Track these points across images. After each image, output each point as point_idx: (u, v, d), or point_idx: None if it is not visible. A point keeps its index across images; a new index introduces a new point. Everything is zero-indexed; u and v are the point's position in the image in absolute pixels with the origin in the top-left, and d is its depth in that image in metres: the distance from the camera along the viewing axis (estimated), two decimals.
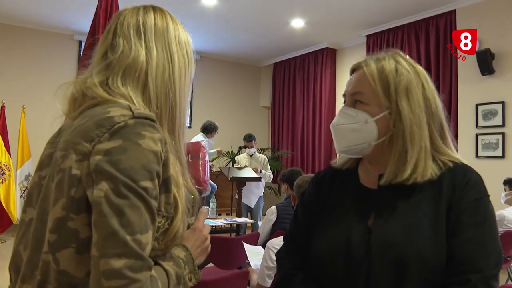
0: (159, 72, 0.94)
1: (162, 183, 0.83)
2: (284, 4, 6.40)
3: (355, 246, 1.02)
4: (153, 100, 0.93)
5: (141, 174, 0.77)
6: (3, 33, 7.27)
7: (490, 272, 0.94)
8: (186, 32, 1.05)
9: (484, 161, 5.69)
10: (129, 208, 0.75)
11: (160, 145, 0.81)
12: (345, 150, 1.11)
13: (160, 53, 0.96)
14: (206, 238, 1.02)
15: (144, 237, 0.76)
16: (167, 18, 1.02)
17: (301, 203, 1.27)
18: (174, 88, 0.97)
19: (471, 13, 5.81)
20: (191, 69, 1.04)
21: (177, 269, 0.87)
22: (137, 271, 0.74)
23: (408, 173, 1.01)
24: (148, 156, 0.79)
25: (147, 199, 0.77)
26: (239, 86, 9.83)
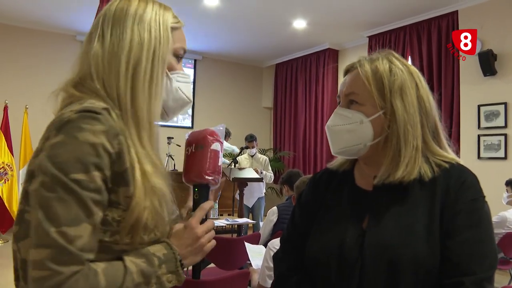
0: (109, 61, 0.90)
1: (118, 176, 0.83)
2: (286, 5, 6.40)
3: (349, 248, 1.02)
4: (110, 91, 0.89)
5: (74, 167, 0.77)
6: (6, 33, 7.30)
7: (484, 274, 0.93)
8: (162, 10, 0.98)
9: (486, 162, 5.68)
10: (56, 201, 0.75)
11: (102, 137, 0.80)
12: (341, 151, 1.10)
13: (112, 40, 0.92)
14: (197, 237, 0.94)
15: (73, 230, 0.75)
16: (131, 2, 0.96)
17: (298, 204, 1.27)
18: (120, 74, 0.90)
19: (473, 14, 5.80)
20: (161, 48, 0.94)
21: (146, 267, 0.84)
22: (60, 263, 0.74)
23: (401, 173, 1.01)
24: (84, 148, 0.78)
25: (77, 192, 0.76)
26: (241, 87, 9.84)
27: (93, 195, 0.78)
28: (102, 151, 0.79)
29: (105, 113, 0.83)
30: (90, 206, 0.78)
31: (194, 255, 0.94)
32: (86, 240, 0.77)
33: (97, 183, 0.79)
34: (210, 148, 1.01)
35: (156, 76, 0.93)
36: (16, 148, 6.51)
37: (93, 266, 0.79)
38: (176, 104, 1.01)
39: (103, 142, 0.80)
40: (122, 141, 0.83)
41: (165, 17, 0.97)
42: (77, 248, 0.76)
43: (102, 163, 0.79)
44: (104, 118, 0.82)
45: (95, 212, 0.78)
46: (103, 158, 0.80)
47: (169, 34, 0.96)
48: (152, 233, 0.88)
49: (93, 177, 0.78)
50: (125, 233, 0.84)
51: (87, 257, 0.78)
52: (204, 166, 1.00)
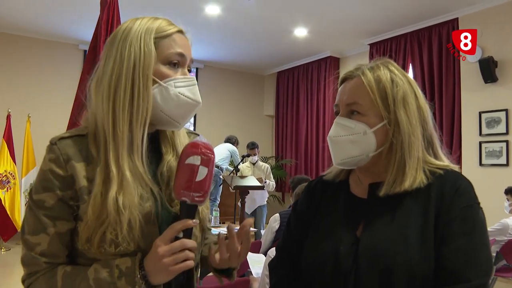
0: (98, 88, 0.99)
1: (77, 194, 0.94)
2: (287, 13, 6.43)
3: (344, 256, 1.02)
4: (96, 117, 0.98)
5: (34, 189, 0.96)
6: (9, 42, 7.35)
7: (478, 281, 0.92)
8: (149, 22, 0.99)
9: (488, 169, 5.67)
10: (26, 216, 0.97)
11: (51, 164, 0.94)
12: (343, 163, 1.08)
13: (104, 66, 0.99)
14: (159, 256, 0.89)
15: (33, 238, 0.94)
16: (126, 23, 1.01)
17: (294, 212, 1.26)
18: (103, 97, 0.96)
19: (473, 21, 5.82)
20: (141, 61, 0.95)
21: (105, 277, 0.90)
22: (23, 263, 0.96)
23: (408, 183, 1.00)
24: (39, 175, 0.96)
25: (34, 210, 0.95)
26: (243, 95, 9.86)
27: (46, 212, 0.94)
28: (50, 176, 0.94)
29: (62, 141, 0.96)
30: (43, 220, 0.94)
31: (158, 274, 0.91)
32: (45, 247, 0.94)
33: (49, 202, 0.94)
34: (185, 162, 0.94)
35: (137, 91, 0.95)
36: (19, 157, 6.53)
37: (58, 268, 0.94)
38: (181, 110, 1.00)
39: (52, 168, 0.94)
40: (74, 165, 0.94)
41: (149, 29, 0.98)
42: (37, 253, 0.94)
43: (51, 185, 0.94)
44: (57, 147, 0.95)
45: (49, 225, 0.94)
46: (53, 181, 0.94)
47: (151, 45, 0.97)
48: (119, 246, 0.91)
49: (44, 197, 0.94)
50: (83, 242, 0.93)
51: (47, 260, 0.94)
52: (176, 182, 0.94)
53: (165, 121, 1.00)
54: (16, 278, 5.47)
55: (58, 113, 6.37)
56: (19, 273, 0.99)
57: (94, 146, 0.96)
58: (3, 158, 6.40)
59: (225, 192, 6.89)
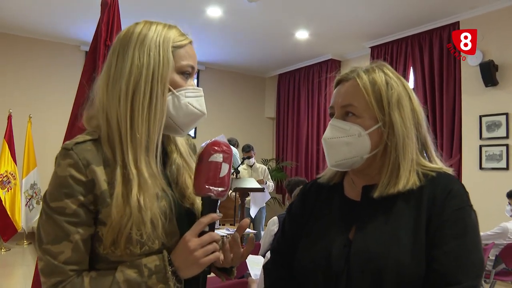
0: (112, 87, 0.99)
1: (98, 199, 0.94)
2: (289, 16, 6.45)
3: (336, 258, 1.02)
4: (111, 118, 0.99)
5: (51, 197, 0.94)
6: (11, 43, 7.37)
7: (469, 283, 0.92)
8: (165, 30, 1.02)
9: (488, 172, 5.67)
10: (42, 224, 0.95)
11: (71, 169, 0.93)
12: (337, 164, 1.09)
13: (118, 67, 1.00)
14: (190, 250, 0.95)
15: (55, 247, 0.92)
16: (137, 26, 1.02)
17: (288, 215, 1.27)
18: (120, 99, 0.97)
19: (474, 24, 5.82)
20: (159, 69, 0.99)
21: (135, 278, 0.92)
22: (47, 274, 0.93)
23: (402, 185, 1.01)
24: (58, 181, 0.94)
25: (55, 217, 0.93)
26: (244, 97, 9.87)
27: (68, 218, 0.93)
28: (71, 181, 0.93)
29: (78, 146, 0.95)
30: (66, 227, 0.93)
31: (188, 268, 0.96)
32: (69, 255, 0.93)
33: (71, 208, 0.93)
34: (209, 160, 1.01)
35: (155, 97, 0.99)
36: (20, 157, 6.55)
37: (83, 275, 0.94)
38: (188, 119, 1.06)
39: (72, 173, 0.93)
40: (94, 169, 0.94)
41: (167, 38, 1.02)
42: (61, 262, 0.92)
43: (73, 191, 0.93)
44: (74, 152, 0.94)
45: (72, 232, 0.93)
46: (73, 187, 0.93)
47: (169, 54, 1.01)
48: (145, 246, 0.95)
49: (66, 203, 0.93)
50: (108, 245, 0.94)
51: (72, 268, 0.93)
52: (202, 178, 1.00)
53: (171, 127, 1.06)
54: (16, 278, 5.49)
55: (59, 114, 6.39)
56: (19, 273, 1.00)
57: (109, 148, 0.97)
58: (4, 159, 6.42)
59: None
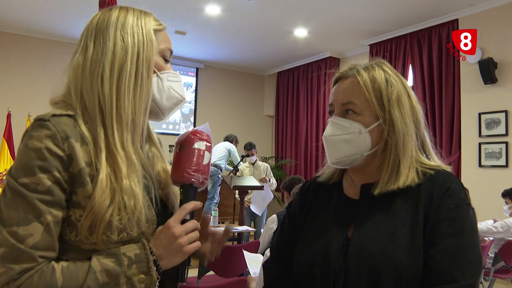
0: (91, 69, 0.95)
1: (74, 177, 0.86)
2: (287, 14, 6.44)
3: (334, 256, 1.02)
4: (87, 99, 0.93)
5: (22, 171, 0.83)
6: (9, 41, 7.36)
7: (466, 282, 0.91)
8: (142, 14, 1.01)
9: (488, 170, 5.67)
10: (6, 204, 0.82)
11: (47, 141, 0.85)
12: (338, 162, 1.09)
13: (96, 49, 0.96)
14: (174, 236, 0.91)
15: (23, 229, 0.81)
16: (112, 11, 1.00)
17: (287, 214, 1.27)
18: (104, 79, 0.93)
19: (473, 22, 5.82)
20: (145, 50, 0.98)
21: (114, 267, 0.85)
22: (12, 261, 0.80)
23: (402, 182, 1.01)
24: (30, 154, 0.84)
25: (25, 194, 0.82)
26: (243, 95, 9.87)
27: (41, 196, 0.83)
28: (47, 154, 0.84)
29: (56, 118, 0.88)
30: (38, 206, 0.82)
31: (171, 256, 0.92)
32: (38, 238, 0.82)
33: (45, 185, 0.83)
34: (192, 146, 1.01)
35: (140, 77, 0.96)
36: None
37: (54, 264, 0.84)
38: (170, 103, 1.04)
39: (48, 145, 0.85)
40: (73, 143, 0.87)
41: (147, 21, 1.00)
42: (28, 246, 0.81)
43: (48, 165, 0.84)
44: (51, 123, 0.87)
45: (45, 212, 0.83)
46: (50, 160, 0.84)
47: (152, 36, 1.00)
48: (123, 232, 0.89)
49: (39, 179, 0.83)
50: (86, 232, 0.86)
51: (41, 254, 0.82)
52: (185, 165, 0.99)
53: (153, 111, 1.04)
54: None
55: None
56: None
57: (85, 127, 0.91)
58: (3, 157, 6.41)
59: (224, 192, 6.89)
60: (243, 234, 5.11)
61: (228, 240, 5.00)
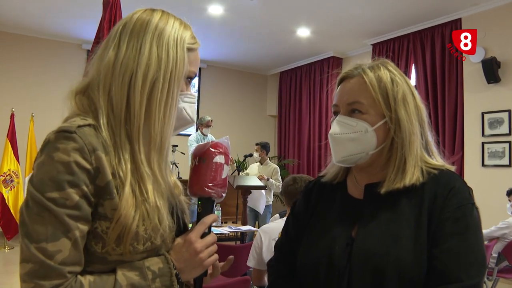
0: (121, 71, 0.90)
1: (101, 190, 0.85)
2: (290, 14, 6.44)
3: (338, 256, 1.03)
4: (115, 102, 0.90)
5: (48, 185, 0.81)
6: (13, 42, 7.39)
7: (470, 282, 0.92)
8: (181, 29, 0.97)
9: (491, 169, 5.66)
10: (33, 218, 0.80)
11: (75, 155, 0.82)
12: (343, 160, 1.09)
13: (128, 52, 0.91)
14: (197, 251, 0.93)
15: (51, 245, 0.79)
16: (154, 14, 0.95)
17: (292, 213, 1.28)
18: (135, 89, 0.90)
19: (476, 21, 5.81)
20: (177, 69, 0.94)
21: (139, 281, 0.86)
22: (41, 277, 0.78)
23: (408, 180, 1.01)
24: (58, 167, 0.81)
25: (53, 210, 0.80)
26: (246, 95, 9.87)
27: (70, 211, 0.81)
28: (75, 168, 0.82)
29: (82, 130, 0.85)
30: (67, 221, 0.81)
31: (192, 270, 0.94)
32: (67, 254, 0.81)
33: (73, 200, 0.81)
34: (213, 161, 1.00)
35: (171, 97, 0.93)
36: (22, 156, 6.57)
37: (81, 279, 0.83)
38: (178, 124, 1.01)
39: (77, 159, 0.82)
40: (100, 155, 0.85)
41: (183, 37, 0.96)
42: (57, 262, 0.79)
43: (77, 179, 0.82)
44: (78, 136, 0.84)
45: (73, 227, 0.81)
46: (78, 174, 0.82)
47: (185, 56, 0.96)
48: (148, 242, 0.89)
49: (68, 194, 0.81)
50: (113, 243, 0.86)
51: (70, 270, 0.81)
52: (205, 179, 0.99)
53: None
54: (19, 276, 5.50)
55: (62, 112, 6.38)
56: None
57: (108, 135, 0.89)
58: (6, 157, 6.44)
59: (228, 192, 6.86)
60: (246, 233, 5.11)
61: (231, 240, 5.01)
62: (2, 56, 7.32)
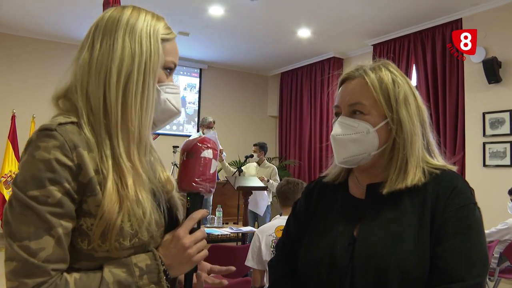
0: (97, 70, 0.91)
1: (84, 186, 0.85)
2: (291, 14, 6.44)
3: (340, 256, 1.03)
4: (95, 101, 0.91)
5: (30, 184, 0.81)
6: (13, 44, 7.40)
7: (472, 281, 0.92)
8: (154, 21, 0.97)
9: (492, 170, 5.65)
10: (16, 217, 0.81)
11: (56, 152, 0.82)
12: (345, 161, 1.09)
13: (102, 49, 0.92)
14: (184, 247, 0.92)
15: (34, 243, 0.80)
16: (124, 11, 0.96)
17: (293, 213, 1.28)
18: (110, 85, 0.90)
19: (477, 21, 5.81)
20: (151, 61, 0.94)
21: (126, 277, 0.86)
22: (24, 276, 0.79)
23: (410, 181, 1.01)
24: (38, 165, 0.82)
25: (35, 208, 0.80)
26: (247, 96, 9.87)
27: (52, 209, 0.81)
28: (56, 166, 0.82)
29: (62, 128, 0.86)
30: (49, 219, 0.81)
31: (180, 266, 0.93)
32: (51, 252, 0.81)
33: (55, 197, 0.82)
34: (201, 155, 1.00)
35: (147, 89, 0.94)
36: None
37: (66, 276, 0.83)
38: (164, 115, 1.02)
39: (57, 156, 0.83)
40: (81, 152, 0.85)
41: (156, 29, 0.97)
42: (41, 260, 0.80)
43: (58, 177, 0.82)
44: (58, 133, 0.84)
45: (56, 225, 0.82)
46: (59, 172, 0.82)
47: (160, 47, 0.96)
48: (134, 238, 0.89)
49: (50, 191, 0.81)
50: (98, 240, 0.86)
51: (54, 267, 0.81)
52: (193, 174, 0.99)
53: None
54: None
55: None
56: None
57: (90, 133, 0.89)
58: (8, 159, 6.44)
59: (228, 193, 6.90)
60: (247, 234, 5.11)
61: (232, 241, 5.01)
62: (4, 57, 7.34)
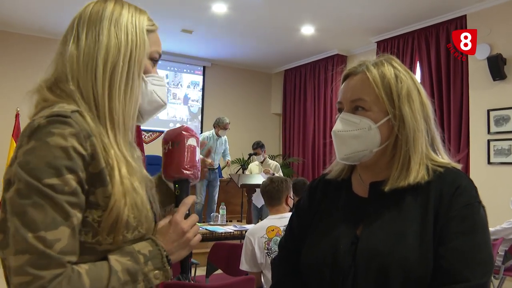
0: (85, 62, 0.91)
1: (94, 177, 0.83)
2: (294, 11, 6.43)
3: (343, 255, 1.02)
4: (86, 92, 0.90)
5: (46, 172, 0.78)
6: (17, 42, 7.43)
7: (477, 281, 0.90)
8: (138, 13, 0.98)
9: (497, 167, 5.62)
10: (31, 207, 0.76)
11: (73, 140, 0.80)
12: (347, 158, 1.08)
13: (88, 41, 0.92)
14: (183, 231, 0.95)
15: (50, 234, 0.76)
16: (107, 3, 0.96)
17: (296, 211, 1.27)
18: (97, 76, 0.90)
19: (481, 18, 5.77)
20: (137, 51, 0.95)
21: (132, 265, 0.85)
22: (40, 268, 0.75)
23: (412, 178, 1.00)
24: (55, 152, 0.78)
25: (52, 197, 0.77)
26: (250, 93, 9.86)
27: (69, 198, 0.79)
28: (73, 154, 0.80)
29: (75, 115, 0.83)
30: (66, 209, 0.78)
31: (180, 250, 0.96)
32: (66, 243, 0.78)
33: (71, 186, 0.79)
34: (187, 143, 1.05)
35: (132, 79, 0.94)
36: None
37: (77, 268, 0.80)
38: (151, 107, 1.03)
39: (74, 144, 0.80)
40: (94, 142, 0.84)
41: (141, 20, 0.98)
42: (57, 252, 0.76)
43: (75, 165, 0.80)
44: (74, 121, 0.82)
45: (72, 215, 0.79)
46: (75, 160, 0.80)
47: (145, 36, 0.97)
48: (135, 231, 0.89)
49: (67, 180, 0.79)
50: (105, 233, 0.85)
51: (68, 259, 0.78)
52: (182, 161, 1.03)
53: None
54: None
55: None
56: None
57: (90, 121, 0.88)
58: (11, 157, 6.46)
59: (232, 191, 6.90)
60: None
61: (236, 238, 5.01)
62: (7, 55, 7.37)
